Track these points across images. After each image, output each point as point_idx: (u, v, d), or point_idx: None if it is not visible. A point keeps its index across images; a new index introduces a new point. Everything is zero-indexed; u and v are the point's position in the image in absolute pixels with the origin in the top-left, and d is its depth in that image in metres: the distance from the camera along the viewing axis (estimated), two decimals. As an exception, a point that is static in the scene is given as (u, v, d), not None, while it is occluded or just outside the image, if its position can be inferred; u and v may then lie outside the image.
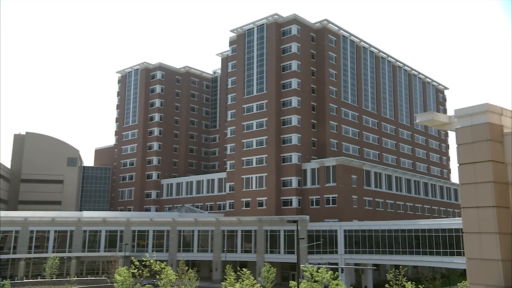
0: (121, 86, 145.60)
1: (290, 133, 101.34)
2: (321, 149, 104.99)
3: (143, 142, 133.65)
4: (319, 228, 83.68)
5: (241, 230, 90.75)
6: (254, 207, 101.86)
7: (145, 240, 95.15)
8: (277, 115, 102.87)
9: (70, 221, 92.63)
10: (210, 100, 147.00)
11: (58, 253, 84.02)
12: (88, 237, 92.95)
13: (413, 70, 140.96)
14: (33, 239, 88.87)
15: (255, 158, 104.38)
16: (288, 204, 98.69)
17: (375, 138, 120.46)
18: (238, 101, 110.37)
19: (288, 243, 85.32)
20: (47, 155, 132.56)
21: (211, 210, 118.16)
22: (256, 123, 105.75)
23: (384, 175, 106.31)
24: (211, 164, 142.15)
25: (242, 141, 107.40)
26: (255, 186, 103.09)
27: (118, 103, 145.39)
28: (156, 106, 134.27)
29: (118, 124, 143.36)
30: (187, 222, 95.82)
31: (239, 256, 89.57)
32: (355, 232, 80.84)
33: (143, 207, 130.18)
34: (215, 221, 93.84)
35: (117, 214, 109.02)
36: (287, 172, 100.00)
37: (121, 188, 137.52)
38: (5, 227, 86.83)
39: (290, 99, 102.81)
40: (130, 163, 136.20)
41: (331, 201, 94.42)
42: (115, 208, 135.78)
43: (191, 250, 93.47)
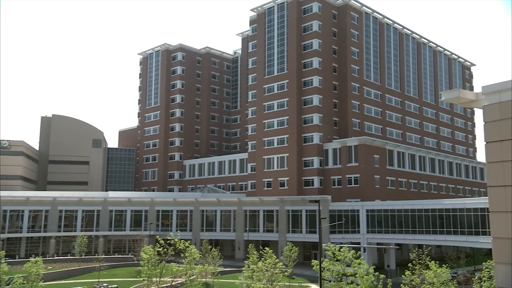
0: (143, 68, 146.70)
1: (312, 113, 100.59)
2: (343, 129, 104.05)
3: (165, 124, 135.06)
4: (341, 208, 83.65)
5: (263, 210, 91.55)
6: (275, 187, 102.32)
7: (169, 220, 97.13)
8: (298, 95, 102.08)
9: (96, 201, 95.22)
10: (231, 81, 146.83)
11: (86, 232, 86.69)
12: (114, 216, 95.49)
13: (438, 46, 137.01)
14: (62, 218, 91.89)
15: (276, 138, 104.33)
16: (310, 184, 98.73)
17: (398, 117, 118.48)
18: (259, 82, 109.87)
19: (310, 223, 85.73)
20: (73, 137, 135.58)
21: (233, 190, 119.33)
22: (277, 103, 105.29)
23: (407, 155, 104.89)
24: (232, 145, 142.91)
25: (263, 121, 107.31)
26: (277, 167, 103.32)
27: (140, 85, 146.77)
28: (178, 87, 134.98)
29: (141, 106, 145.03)
30: (210, 202, 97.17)
31: (261, 235, 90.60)
32: (378, 211, 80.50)
33: (166, 188, 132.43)
34: (237, 201, 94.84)
35: (142, 194, 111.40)
36: (309, 152, 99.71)
37: (144, 169, 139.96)
38: (35, 206, 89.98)
39: (311, 79, 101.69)
40: (153, 144, 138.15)
41: (353, 181, 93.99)
42: (139, 189, 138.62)
43: (214, 230, 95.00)
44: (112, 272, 70.75)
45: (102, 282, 59.52)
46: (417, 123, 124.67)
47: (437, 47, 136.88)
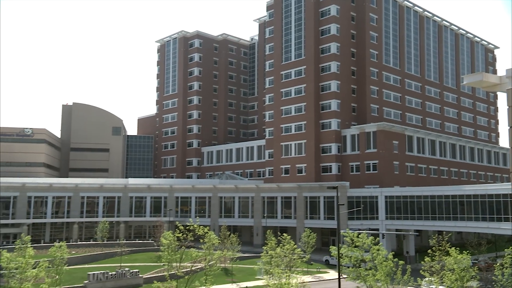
0: (161, 56, 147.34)
1: (330, 99, 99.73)
2: (361, 114, 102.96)
3: (183, 111, 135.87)
4: (359, 194, 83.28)
5: (281, 196, 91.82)
6: (293, 173, 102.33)
7: (188, 206, 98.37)
8: (316, 81, 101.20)
9: (117, 187, 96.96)
10: (248, 68, 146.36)
11: (108, 218, 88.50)
12: (134, 203, 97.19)
13: (460, 29, 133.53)
14: (84, 205, 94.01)
15: (294, 125, 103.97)
16: (328, 171, 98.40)
17: (418, 102, 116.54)
18: (276, 68, 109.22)
19: (328, 209, 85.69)
20: (93, 124, 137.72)
21: (250, 177, 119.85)
22: (295, 89, 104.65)
23: (427, 140, 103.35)
24: (250, 132, 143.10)
25: (281, 108, 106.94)
26: (294, 153, 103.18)
27: (158, 73, 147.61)
28: (195, 74, 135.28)
29: (159, 93, 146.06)
30: (228, 189, 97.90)
31: (279, 221, 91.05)
32: (397, 198, 79.84)
33: (185, 174, 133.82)
34: (255, 187, 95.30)
35: (161, 181, 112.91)
36: (327, 138, 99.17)
37: (163, 156, 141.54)
38: (58, 193, 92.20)
39: (329, 64, 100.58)
40: (171, 132, 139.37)
41: (371, 167, 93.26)
42: (159, 175, 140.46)
43: (232, 216, 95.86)
44: (133, 257, 72.25)
45: (124, 266, 60.88)
46: (438, 108, 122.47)
47: (459, 30, 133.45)
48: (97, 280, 51.75)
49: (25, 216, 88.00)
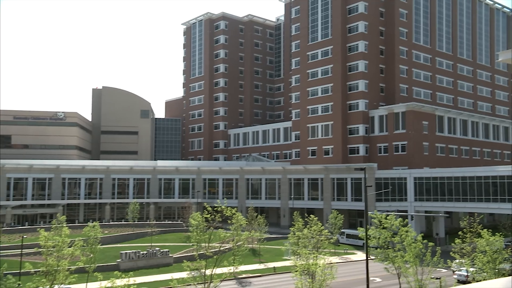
0: (187, 38, 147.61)
1: (357, 79, 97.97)
2: (390, 95, 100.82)
3: (210, 94, 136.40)
4: (387, 176, 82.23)
5: (308, 178, 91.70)
6: (320, 155, 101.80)
7: (215, 188, 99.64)
8: (343, 61, 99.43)
9: (146, 169, 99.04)
10: (274, 49, 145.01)
11: (138, 199, 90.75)
12: (163, 184, 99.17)
13: (495, 3, 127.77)
14: (115, 186, 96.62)
15: (320, 106, 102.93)
16: (355, 152, 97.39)
17: (449, 81, 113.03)
18: (302, 48, 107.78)
19: (355, 191, 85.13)
20: (122, 107, 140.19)
21: (277, 159, 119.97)
22: (321, 70, 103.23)
23: (458, 120, 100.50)
24: (276, 114, 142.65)
25: (307, 89, 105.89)
26: (321, 135, 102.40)
27: (185, 55, 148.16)
28: (221, 57, 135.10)
29: (186, 76, 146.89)
30: (255, 171, 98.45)
31: (306, 203, 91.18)
32: (426, 179, 78.45)
33: (212, 157, 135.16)
34: (281, 169, 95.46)
35: (189, 163, 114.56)
36: (354, 119, 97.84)
37: (191, 138, 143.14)
38: (91, 175, 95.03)
39: (357, 44, 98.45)
40: (198, 114, 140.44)
41: (400, 149, 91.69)
42: (186, 158, 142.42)
43: (259, 198, 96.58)
44: (163, 237, 74.07)
45: (154, 246, 62.58)
46: (470, 87, 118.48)
47: (494, 5, 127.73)
48: (129, 259, 53.41)
49: (60, 197, 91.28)
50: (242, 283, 48.81)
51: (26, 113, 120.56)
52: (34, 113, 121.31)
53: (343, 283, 44.58)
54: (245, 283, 48.93)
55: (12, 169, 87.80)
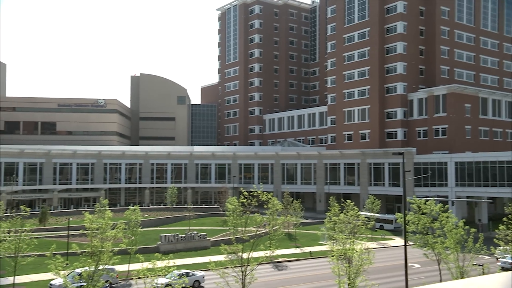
0: (222, 24, 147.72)
1: (395, 61, 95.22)
2: (430, 77, 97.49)
3: (245, 79, 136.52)
4: (426, 161, 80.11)
5: (344, 163, 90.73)
6: (356, 140, 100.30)
7: (251, 173, 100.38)
8: (380, 43, 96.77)
9: (183, 155, 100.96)
10: (309, 32, 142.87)
11: (175, 184, 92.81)
12: (200, 169, 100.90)
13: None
14: (154, 171, 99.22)
15: (357, 90, 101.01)
16: (393, 137, 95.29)
17: (494, 61, 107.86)
18: (338, 31, 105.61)
19: (393, 176, 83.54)
20: (159, 94, 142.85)
21: (312, 143, 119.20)
22: (358, 53, 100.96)
23: (504, 102, 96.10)
24: (311, 98, 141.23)
25: (343, 73, 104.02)
26: (358, 119, 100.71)
27: (220, 41, 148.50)
28: (256, 41, 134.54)
29: (221, 62, 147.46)
30: (290, 156, 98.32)
31: (342, 188, 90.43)
32: (468, 164, 75.85)
33: (248, 142, 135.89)
34: (317, 154, 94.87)
35: (224, 148, 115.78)
36: (392, 103, 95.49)
37: (226, 124, 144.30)
38: (130, 160, 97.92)
39: (395, 25, 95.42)
40: (233, 100, 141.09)
41: (440, 132, 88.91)
42: (222, 143, 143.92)
43: (294, 182, 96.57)
44: (201, 221, 75.63)
45: (192, 230, 64.05)
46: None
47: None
48: (168, 241, 54.99)
49: (102, 181, 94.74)
50: (278, 267, 49.34)
51: (70, 100, 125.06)
52: (76, 100, 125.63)
53: (380, 268, 44.21)
54: (281, 267, 49.43)
55: (57, 155, 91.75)
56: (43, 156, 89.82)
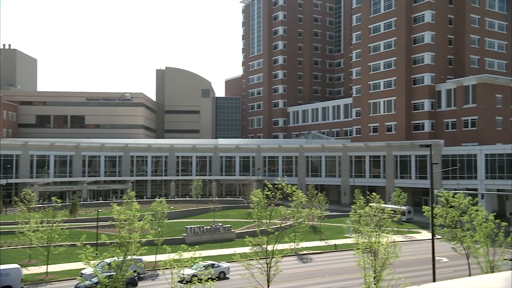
0: (245, 16, 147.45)
1: (423, 51, 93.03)
2: (459, 67, 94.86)
3: (269, 71, 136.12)
4: (455, 153, 78.25)
5: (369, 155, 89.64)
6: (382, 132, 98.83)
7: (275, 165, 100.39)
8: (407, 33, 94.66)
9: (208, 147, 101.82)
10: (334, 23, 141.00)
11: (200, 176, 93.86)
12: (224, 162, 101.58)
13: None
14: (179, 164, 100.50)
15: (382, 81, 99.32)
16: (420, 128, 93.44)
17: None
18: (364, 21, 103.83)
19: (420, 168, 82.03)
20: (184, 87, 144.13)
21: (337, 136, 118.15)
22: (384, 43, 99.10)
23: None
24: (336, 90, 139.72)
25: (369, 64, 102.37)
26: (383, 111, 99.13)
27: (244, 34, 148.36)
28: (280, 34, 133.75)
29: (245, 54, 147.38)
30: (314, 148, 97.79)
31: (367, 181, 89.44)
32: (499, 156, 73.66)
33: (272, 134, 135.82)
34: (342, 146, 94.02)
35: (248, 141, 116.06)
36: (419, 94, 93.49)
37: (250, 116, 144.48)
38: (156, 153, 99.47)
39: (423, 14, 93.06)
40: (257, 93, 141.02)
41: (469, 124, 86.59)
42: (246, 136, 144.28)
43: (319, 175, 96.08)
44: (225, 213, 76.27)
45: (217, 222, 64.72)
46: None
47: None
48: (194, 233, 55.75)
49: (129, 174, 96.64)
50: (303, 259, 49.38)
51: (97, 94, 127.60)
52: (104, 94, 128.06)
53: (407, 262, 43.66)
54: (306, 259, 49.44)
55: (86, 148, 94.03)
56: (73, 149, 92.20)
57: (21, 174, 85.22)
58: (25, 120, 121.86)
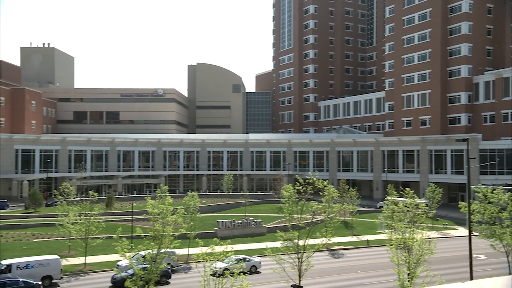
0: (276, 11, 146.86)
1: (459, 43, 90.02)
2: (498, 58, 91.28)
3: (299, 66, 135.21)
4: (493, 147, 75.54)
5: (402, 150, 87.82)
6: (416, 126, 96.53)
7: (306, 160, 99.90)
8: (443, 24, 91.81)
9: (239, 142, 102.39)
10: (366, 16, 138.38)
11: (231, 171, 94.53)
12: (255, 157, 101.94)
13: None
14: (210, 159, 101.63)
15: (416, 74, 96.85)
16: (456, 122, 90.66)
17: None
18: (397, 13, 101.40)
19: (456, 163, 79.72)
20: (215, 83, 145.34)
21: (369, 130, 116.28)
22: (418, 35, 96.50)
23: None
24: (368, 84, 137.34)
25: (402, 56, 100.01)
26: (417, 104, 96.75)
27: (274, 28, 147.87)
28: (310, 27, 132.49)
29: (275, 49, 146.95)
30: (346, 143, 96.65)
31: (401, 176, 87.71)
32: (541, 151, 70.60)
33: (302, 129, 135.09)
34: (374, 141, 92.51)
35: (279, 136, 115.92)
36: (455, 87, 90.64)
37: (281, 111, 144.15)
38: (188, 148, 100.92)
39: (460, 4, 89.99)
40: (288, 87, 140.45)
41: (509, 117, 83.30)
42: (277, 131, 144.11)
43: (350, 170, 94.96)
44: (256, 208, 76.55)
45: (248, 216, 65.09)
46: None
47: None
48: (225, 227, 56.30)
49: (162, 168, 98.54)
50: (334, 255, 49.04)
51: (131, 90, 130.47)
52: (137, 90, 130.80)
53: (442, 259, 42.64)
54: (337, 255, 49.08)
55: (121, 143, 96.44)
56: (108, 144, 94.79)
57: (60, 169, 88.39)
58: (63, 116, 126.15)
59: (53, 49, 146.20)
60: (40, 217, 63.61)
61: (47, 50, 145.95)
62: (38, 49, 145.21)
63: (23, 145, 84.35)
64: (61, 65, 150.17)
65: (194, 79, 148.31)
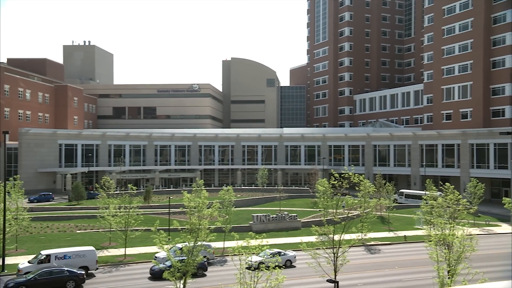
0: (311, 3, 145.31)
1: (504, 32, 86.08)
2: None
3: (334, 59, 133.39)
4: (540, 141, 72.04)
5: (442, 144, 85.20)
6: (456, 119, 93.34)
7: (341, 155, 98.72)
8: (486, 12, 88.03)
9: (273, 137, 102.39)
10: (404, 6, 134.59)
11: (266, 165, 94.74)
12: (289, 151, 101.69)
13: None
14: (245, 153, 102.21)
15: (457, 65, 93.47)
16: (499, 115, 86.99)
17: None
18: (437, 2, 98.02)
19: (500, 157, 76.59)
20: (249, 77, 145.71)
21: (406, 124, 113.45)
22: (459, 25, 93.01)
23: None
24: (405, 76, 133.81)
25: (442, 47, 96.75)
26: (458, 97, 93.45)
27: (309, 21, 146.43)
28: (346, 19, 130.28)
29: (310, 42, 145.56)
30: (382, 137, 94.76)
31: (440, 170, 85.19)
32: None
33: (337, 123, 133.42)
34: (412, 135, 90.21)
35: (314, 130, 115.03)
36: (499, 78, 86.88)
37: (315, 105, 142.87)
38: (223, 142, 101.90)
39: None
40: (322, 81, 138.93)
41: (558, 110, 79.12)
42: (311, 125, 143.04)
43: (387, 165, 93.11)
44: (291, 202, 76.48)
45: (283, 210, 65.13)
46: None
47: None
48: (260, 221, 56.60)
49: (198, 163, 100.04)
50: (371, 250, 48.37)
51: (167, 86, 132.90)
52: (173, 85, 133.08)
53: (485, 256, 41.20)
54: (374, 250, 48.38)
55: (158, 138, 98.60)
56: (146, 139, 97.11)
57: (100, 163, 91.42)
58: (103, 112, 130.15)
59: (93, 46, 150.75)
60: (82, 209, 66.16)
61: (88, 47, 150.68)
62: (80, 47, 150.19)
63: (66, 140, 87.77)
64: (101, 62, 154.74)
65: (229, 74, 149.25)
